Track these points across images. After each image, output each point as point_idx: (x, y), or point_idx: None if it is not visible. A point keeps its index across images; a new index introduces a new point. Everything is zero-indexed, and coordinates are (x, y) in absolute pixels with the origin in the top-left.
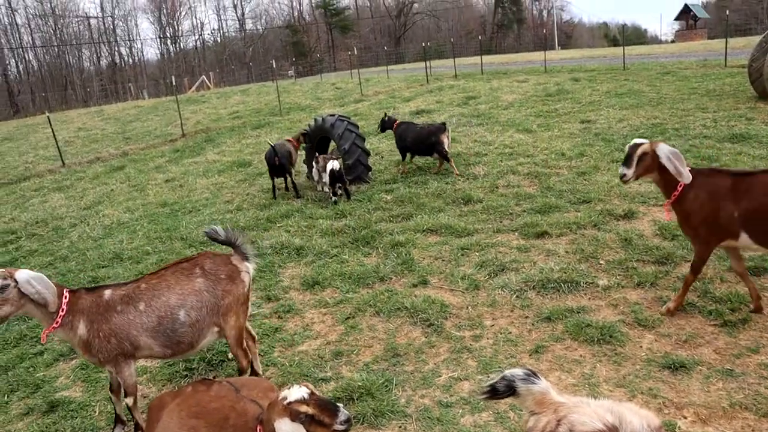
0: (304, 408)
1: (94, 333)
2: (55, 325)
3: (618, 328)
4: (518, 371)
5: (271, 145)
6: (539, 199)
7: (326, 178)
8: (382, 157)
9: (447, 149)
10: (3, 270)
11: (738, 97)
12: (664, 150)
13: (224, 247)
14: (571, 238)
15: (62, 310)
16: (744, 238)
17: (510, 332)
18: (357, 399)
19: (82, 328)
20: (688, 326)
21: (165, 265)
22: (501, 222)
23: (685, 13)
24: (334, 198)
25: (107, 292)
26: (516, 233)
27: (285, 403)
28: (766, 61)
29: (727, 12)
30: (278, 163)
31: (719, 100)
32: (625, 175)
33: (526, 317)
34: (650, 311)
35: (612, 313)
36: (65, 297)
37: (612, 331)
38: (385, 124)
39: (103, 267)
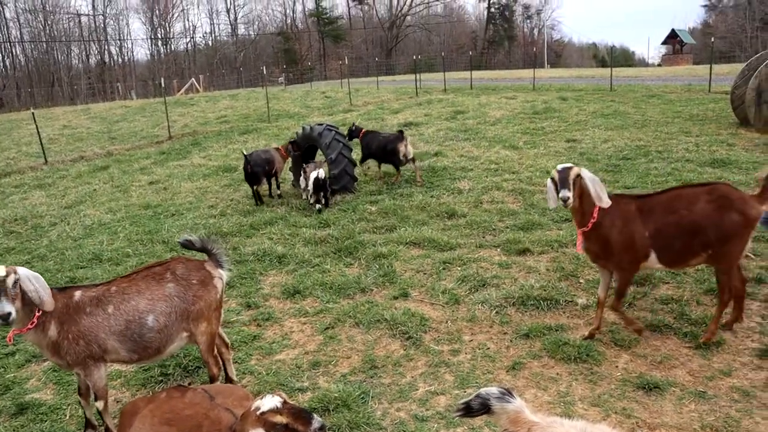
0: (278, 418)
1: (64, 334)
2: (30, 325)
3: (595, 347)
4: (493, 390)
5: (244, 155)
6: (522, 215)
7: (310, 186)
8: (369, 167)
9: (403, 157)
10: (7, 267)
11: (720, 123)
12: (587, 174)
13: (200, 253)
14: (553, 255)
15: (38, 311)
16: (653, 258)
17: (488, 348)
18: (333, 410)
19: (53, 329)
20: (664, 347)
21: (137, 268)
22: (484, 237)
23: (672, 38)
24: (318, 206)
25: (77, 293)
26: (498, 249)
27: (258, 413)
28: (748, 88)
29: (713, 39)
30: (250, 171)
31: (702, 124)
32: (569, 198)
33: (505, 333)
34: (627, 331)
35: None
36: None
37: (589, 350)
38: (353, 133)
39: (81, 268)
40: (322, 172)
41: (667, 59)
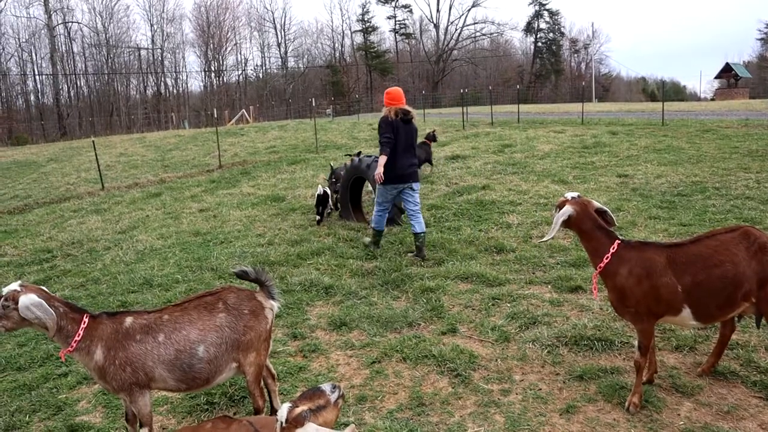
0: (300, 410)
1: (110, 360)
2: (69, 348)
3: (654, 392)
4: None
5: (331, 166)
6: (574, 252)
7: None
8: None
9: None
10: (10, 291)
11: None
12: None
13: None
14: (606, 294)
15: (78, 335)
16: (686, 314)
17: (540, 389)
18: None
19: (99, 354)
20: (731, 396)
21: (188, 297)
22: (533, 273)
23: (726, 71)
24: (318, 218)
25: (128, 320)
26: (549, 286)
27: (284, 423)
28: None
29: None
30: (334, 180)
31: (762, 160)
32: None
33: (557, 374)
34: (689, 377)
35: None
36: (84, 322)
37: (648, 395)
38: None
39: (132, 292)
40: (328, 189)
41: (720, 93)
